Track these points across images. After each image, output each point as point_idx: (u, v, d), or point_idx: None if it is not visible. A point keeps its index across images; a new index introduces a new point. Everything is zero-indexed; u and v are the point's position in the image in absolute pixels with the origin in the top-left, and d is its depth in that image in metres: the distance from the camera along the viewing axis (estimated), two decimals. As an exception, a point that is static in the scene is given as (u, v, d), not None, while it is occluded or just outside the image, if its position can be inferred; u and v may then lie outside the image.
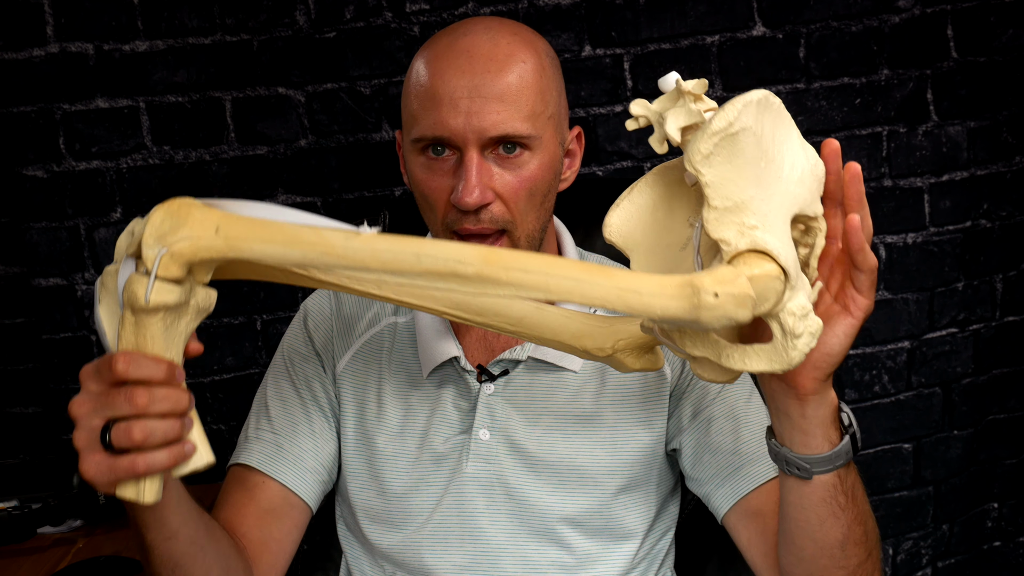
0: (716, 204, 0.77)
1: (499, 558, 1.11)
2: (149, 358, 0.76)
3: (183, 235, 0.75)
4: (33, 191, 1.71)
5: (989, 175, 1.85)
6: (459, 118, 0.99)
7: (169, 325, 0.77)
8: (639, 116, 0.82)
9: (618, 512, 1.12)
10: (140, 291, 0.74)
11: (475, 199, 1.00)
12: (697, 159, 0.76)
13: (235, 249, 0.75)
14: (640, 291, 0.74)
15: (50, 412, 1.82)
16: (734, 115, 0.75)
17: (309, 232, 0.75)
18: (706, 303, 0.73)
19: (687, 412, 1.11)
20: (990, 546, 2.07)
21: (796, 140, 0.83)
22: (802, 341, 0.79)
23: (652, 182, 0.88)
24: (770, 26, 1.75)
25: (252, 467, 1.11)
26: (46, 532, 1.42)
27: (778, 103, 0.80)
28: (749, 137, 0.76)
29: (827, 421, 0.89)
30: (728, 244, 0.77)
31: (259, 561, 1.08)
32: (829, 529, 0.93)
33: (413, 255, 0.75)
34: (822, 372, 0.86)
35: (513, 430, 1.11)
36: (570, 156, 1.12)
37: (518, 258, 0.75)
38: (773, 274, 0.76)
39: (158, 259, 0.74)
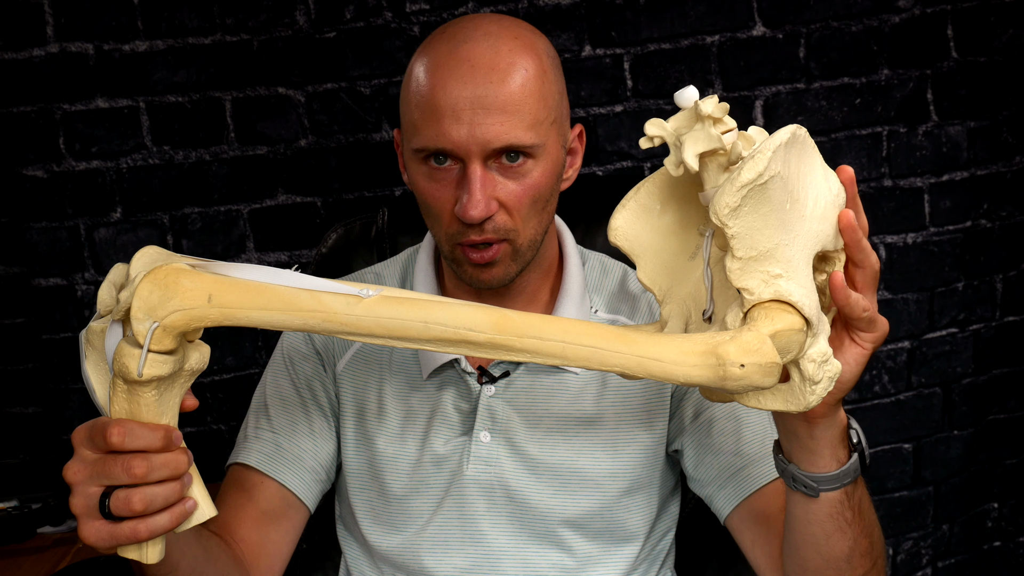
0: (741, 255, 0.74)
1: (500, 561, 1.11)
2: (145, 427, 0.74)
3: (174, 306, 0.71)
4: (33, 191, 1.71)
5: (989, 175, 1.85)
6: (462, 130, 0.97)
7: (163, 391, 0.75)
8: (654, 136, 0.78)
9: (620, 514, 1.12)
10: (132, 364, 0.71)
11: (480, 212, 0.98)
12: (724, 212, 0.72)
13: (231, 318, 0.72)
14: (662, 359, 0.73)
15: (50, 412, 1.82)
16: (763, 165, 0.72)
17: (308, 298, 0.72)
18: (732, 374, 0.72)
19: (688, 413, 1.11)
20: (990, 546, 2.07)
21: (819, 170, 0.80)
22: (820, 386, 0.78)
23: (660, 182, 0.86)
24: (770, 26, 1.75)
25: (251, 467, 1.11)
26: (46, 532, 1.42)
27: (803, 135, 0.77)
28: (776, 183, 0.73)
29: (835, 441, 0.88)
30: (751, 293, 0.75)
31: (257, 564, 1.08)
32: (835, 543, 0.92)
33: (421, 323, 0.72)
34: (833, 398, 0.85)
35: (514, 432, 1.10)
36: (572, 155, 1.11)
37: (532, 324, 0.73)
38: (796, 327, 0.75)
39: (149, 334, 0.70)
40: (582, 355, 0.73)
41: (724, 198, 0.72)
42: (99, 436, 0.75)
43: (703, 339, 0.74)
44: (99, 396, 0.77)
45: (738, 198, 0.72)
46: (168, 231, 1.75)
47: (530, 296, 1.13)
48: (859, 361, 0.84)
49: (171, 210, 1.74)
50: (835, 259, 0.83)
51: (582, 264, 1.16)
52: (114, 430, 0.74)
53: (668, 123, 0.77)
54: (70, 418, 1.78)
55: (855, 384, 0.86)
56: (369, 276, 1.20)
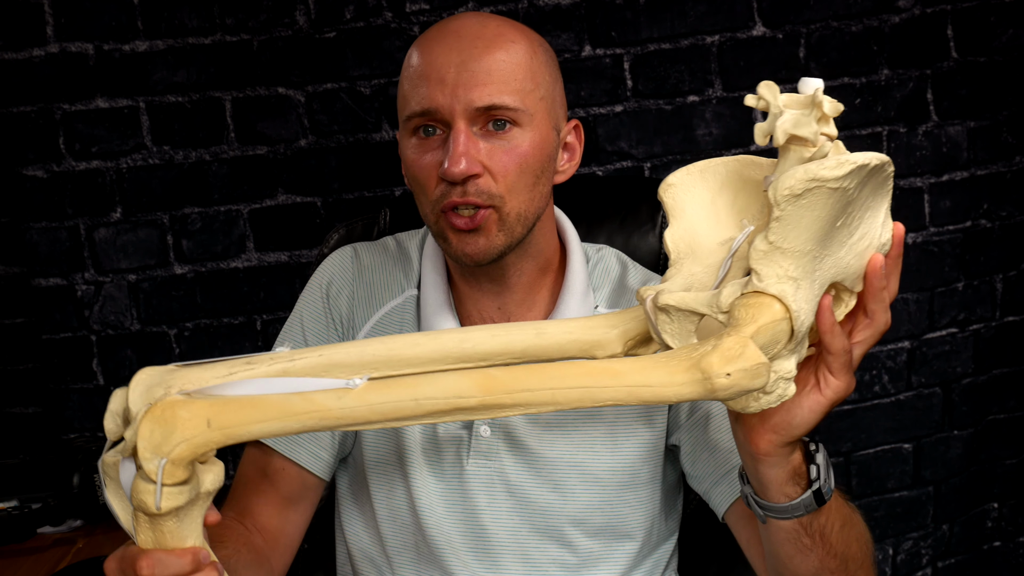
0: (773, 239, 0.74)
1: (500, 555, 1.11)
2: (172, 555, 0.77)
3: (177, 439, 0.73)
4: (33, 191, 1.71)
5: (989, 175, 1.85)
6: (446, 91, 0.99)
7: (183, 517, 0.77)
8: (763, 98, 0.77)
9: (620, 510, 1.12)
10: (149, 500, 0.74)
11: (462, 168, 0.99)
12: (784, 194, 0.72)
13: (232, 437, 0.74)
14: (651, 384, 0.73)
15: (50, 412, 1.82)
16: (844, 172, 0.71)
17: (300, 400, 0.74)
18: (720, 385, 0.72)
19: (685, 408, 1.11)
20: (990, 546, 2.07)
21: (883, 214, 0.80)
22: (767, 399, 0.78)
23: (731, 167, 0.86)
24: (770, 26, 1.75)
25: (268, 447, 1.11)
26: (46, 532, 1.42)
27: (889, 172, 0.77)
28: (842, 197, 0.73)
29: (782, 480, 0.87)
30: (761, 280, 0.75)
31: (276, 546, 1.10)
32: (799, 563, 0.92)
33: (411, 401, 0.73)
34: (780, 438, 0.84)
35: (513, 426, 1.11)
36: (569, 150, 1.11)
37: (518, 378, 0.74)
38: (779, 317, 0.75)
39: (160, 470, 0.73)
40: (573, 397, 0.74)
41: (791, 181, 0.72)
42: (129, 568, 0.77)
43: (685, 354, 0.74)
44: (123, 522, 0.79)
45: (803, 187, 0.72)
46: (168, 231, 1.75)
47: (528, 288, 1.12)
48: (814, 408, 0.82)
49: (171, 210, 1.74)
50: (844, 301, 0.82)
51: (586, 261, 1.16)
52: (143, 563, 0.76)
53: (781, 95, 0.76)
54: (70, 418, 1.78)
55: (806, 431, 0.84)
56: (391, 243, 1.20)
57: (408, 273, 1.17)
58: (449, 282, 1.15)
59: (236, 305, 1.78)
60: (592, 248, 1.19)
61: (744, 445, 0.87)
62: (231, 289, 1.78)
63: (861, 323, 0.82)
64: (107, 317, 1.76)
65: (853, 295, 0.82)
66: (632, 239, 1.31)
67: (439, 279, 1.14)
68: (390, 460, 1.13)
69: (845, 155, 0.73)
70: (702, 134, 1.77)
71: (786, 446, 0.84)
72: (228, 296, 1.78)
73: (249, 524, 1.09)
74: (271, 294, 1.79)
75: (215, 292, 1.77)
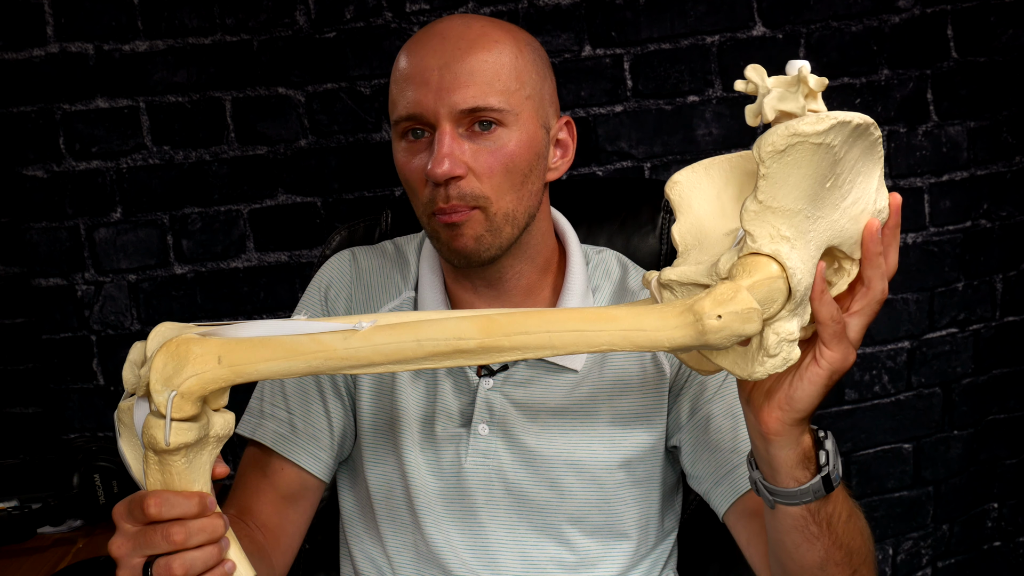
0: (762, 199, 0.75)
1: (498, 553, 1.11)
2: (179, 495, 0.78)
3: (188, 373, 0.75)
4: (33, 191, 1.71)
5: (989, 175, 1.85)
6: (430, 94, 1.00)
7: (192, 459, 0.79)
8: (751, 81, 0.78)
9: (618, 508, 1.12)
10: (159, 435, 0.76)
11: (444, 170, 0.99)
12: (767, 150, 0.73)
13: (241, 375, 0.77)
14: (644, 328, 0.74)
15: (50, 412, 1.82)
16: (823, 127, 0.72)
17: (308, 341, 0.76)
18: (711, 327, 0.73)
19: (685, 409, 1.11)
20: (990, 546, 2.07)
21: (875, 180, 0.80)
22: (772, 362, 0.78)
23: (735, 163, 0.87)
24: (770, 26, 1.76)
25: (268, 447, 1.12)
26: (46, 532, 1.42)
27: (877, 136, 0.77)
28: (827, 154, 0.74)
29: (792, 463, 0.87)
30: (755, 241, 0.76)
31: (277, 544, 1.10)
32: (805, 552, 0.92)
33: (414, 342, 0.76)
34: (787, 416, 0.84)
35: (512, 425, 1.11)
36: (561, 147, 1.11)
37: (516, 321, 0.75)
38: (775, 274, 0.75)
39: (169, 402, 0.75)
40: (568, 340, 0.75)
41: (772, 137, 0.73)
42: (137, 509, 0.79)
43: (680, 302, 0.76)
44: (135, 470, 0.81)
45: (785, 143, 0.73)
46: (168, 231, 1.75)
47: (527, 290, 1.13)
48: (814, 382, 0.82)
49: (171, 210, 1.74)
50: (844, 271, 0.83)
51: (586, 264, 1.16)
52: (151, 501, 0.78)
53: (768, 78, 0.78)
54: (70, 418, 1.78)
55: (813, 412, 0.84)
56: (389, 247, 1.21)
57: (405, 275, 1.17)
58: (446, 285, 1.15)
59: (236, 305, 1.78)
60: (592, 250, 1.20)
61: (754, 426, 0.87)
62: (231, 289, 1.78)
63: (859, 292, 0.83)
64: (107, 317, 1.76)
65: (855, 263, 0.83)
66: (632, 240, 1.31)
67: (436, 281, 1.14)
68: (388, 459, 1.13)
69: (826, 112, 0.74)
70: (702, 134, 1.77)
71: (795, 426, 0.85)
72: (228, 296, 1.78)
73: (250, 522, 1.09)
74: (271, 294, 1.79)
75: (215, 292, 1.78)
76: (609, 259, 1.19)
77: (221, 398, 0.80)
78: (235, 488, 1.14)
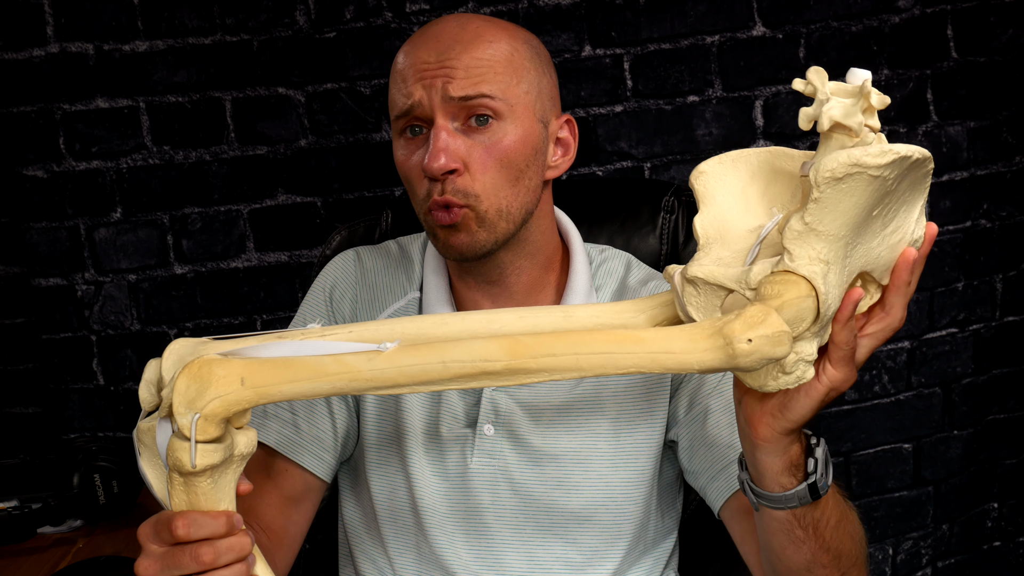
0: (809, 221, 0.74)
1: (504, 554, 1.11)
2: (207, 516, 0.78)
3: (211, 395, 0.75)
4: (33, 191, 1.71)
5: (989, 175, 1.85)
6: (425, 87, 1.01)
7: (218, 479, 0.79)
8: (811, 83, 0.77)
9: (624, 506, 1.12)
10: (184, 457, 0.75)
11: (440, 164, 1.00)
12: (825, 175, 0.72)
13: (265, 396, 0.76)
14: (673, 351, 0.74)
15: (50, 412, 1.82)
16: (886, 160, 0.71)
17: (332, 362, 0.76)
18: (741, 351, 0.72)
19: (684, 404, 1.11)
20: (990, 546, 2.07)
21: (918, 210, 0.80)
22: (786, 379, 0.78)
23: (764, 158, 0.86)
24: (770, 26, 1.75)
25: (272, 449, 1.12)
26: (46, 532, 1.42)
27: (929, 169, 0.77)
28: (881, 186, 0.73)
29: (777, 469, 0.86)
30: (793, 260, 0.75)
31: (280, 545, 1.10)
32: (791, 555, 0.92)
33: (439, 364, 0.75)
34: (778, 424, 0.83)
35: (517, 425, 1.11)
36: (562, 145, 1.11)
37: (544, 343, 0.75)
38: (805, 293, 0.75)
39: (193, 425, 0.75)
40: (596, 363, 0.75)
41: (833, 164, 0.72)
42: (164, 530, 0.79)
43: (708, 323, 0.75)
44: (157, 491, 0.81)
45: (845, 171, 0.72)
46: (168, 231, 1.75)
47: (529, 287, 1.13)
48: (810, 395, 0.82)
49: (171, 210, 1.74)
50: (871, 292, 0.82)
51: (589, 263, 1.16)
52: (179, 523, 0.77)
53: (829, 83, 0.77)
54: (70, 418, 1.78)
55: (804, 422, 0.84)
56: (393, 246, 1.21)
57: (410, 275, 1.17)
58: (451, 284, 1.15)
59: (236, 305, 1.78)
60: (596, 249, 1.20)
61: (744, 430, 0.87)
62: (231, 289, 1.78)
63: (876, 315, 0.82)
64: (107, 317, 1.76)
65: (879, 288, 0.82)
66: (632, 240, 1.31)
67: (441, 281, 1.14)
68: (392, 460, 1.13)
69: (889, 144, 0.73)
70: (702, 134, 1.77)
71: (786, 435, 0.84)
72: (228, 296, 1.78)
73: (253, 523, 1.09)
74: (271, 294, 1.79)
75: (215, 292, 1.77)
76: (612, 257, 1.19)
77: (244, 417, 0.79)
78: None
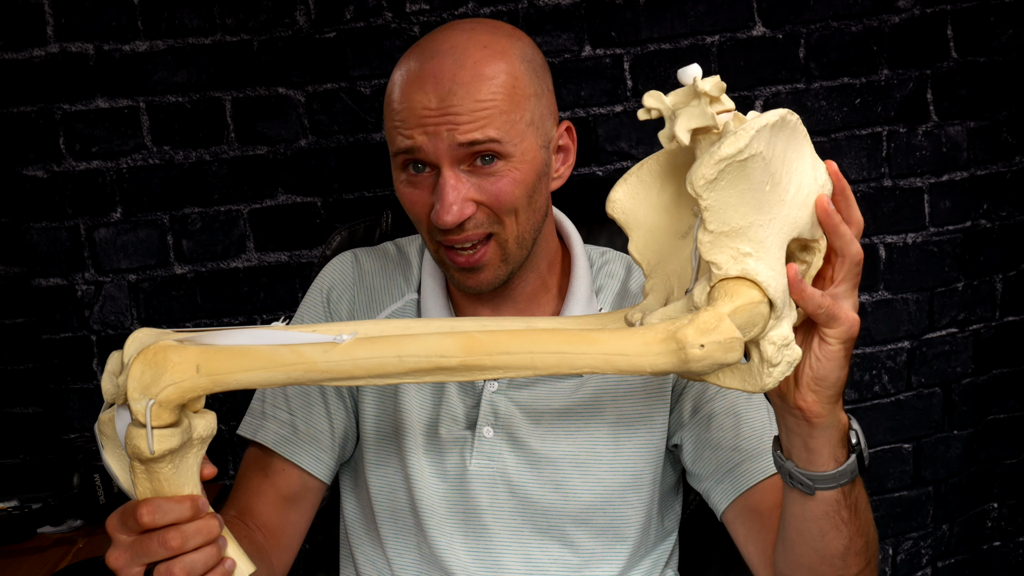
0: (712, 228, 0.75)
1: (502, 555, 1.11)
2: (171, 501, 0.78)
3: (166, 382, 0.75)
4: (33, 191, 1.71)
5: (989, 175, 1.85)
6: (429, 136, 0.99)
7: (179, 463, 0.79)
8: (651, 108, 0.79)
9: (622, 510, 1.12)
10: (142, 444, 0.75)
11: (453, 218, 1.00)
12: (700, 184, 0.73)
13: (219, 384, 0.76)
14: (626, 352, 0.74)
15: (50, 412, 1.82)
16: (744, 142, 0.72)
17: (287, 352, 0.76)
18: (693, 356, 0.73)
19: (688, 408, 1.11)
20: (990, 546, 2.07)
21: (808, 159, 0.80)
22: (778, 370, 0.79)
23: (663, 162, 0.86)
24: (770, 26, 1.75)
25: (269, 448, 1.12)
26: (46, 532, 1.42)
27: (795, 121, 0.78)
28: (757, 162, 0.74)
29: (835, 441, 0.88)
30: (719, 268, 0.76)
31: (277, 545, 1.10)
32: (831, 541, 0.93)
33: (395, 357, 0.75)
34: (823, 394, 0.85)
35: (516, 428, 1.11)
36: (563, 152, 1.11)
37: (499, 340, 0.75)
38: (756, 299, 0.76)
39: (148, 411, 0.75)
40: (551, 362, 0.75)
41: (701, 169, 0.73)
42: (130, 519, 0.79)
43: (663, 327, 0.75)
44: (122, 481, 0.81)
45: (715, 171, 0.73)
46: (168, 231, 1.75)
47: (530, 298, 1.13)
48: (831, 358, 0.83)
49: (171, 210, 1.74)
50: (815, 248, 0.83)
51: (590, 266, 1.16)
52: (143, 510, 0.78)
53: (667, 97, 0.78)
54: (70, 418, 1.78)
55: (844, 383, 0.86)
56: (391, 248, 1.21)
57: (408, 277, 1.17)
58: (448, 287, 1.15)
59: (236, 305, 1.78)
60: (596, 251, 1.20)
61: (795, 416, 0.87)
62: (231, 289, 1.78)
63: (836, 262, 0.83)
64: (107, 317, 1.76)
65: (821, 240, 0.83)
66: (632, 239, 1.31)
67: (438, 284, 1.15)
68: (391, 460, 1.14)
69: (742, 125, 0.74)
70: (702, 134, 1.77)
71: (833, 403, 0.86)
72: (228, 296, 1.78)
73: (250, 522, 1.09)
74: (271, 294, 1.79)
75: (215, 292, 1.77)
76: (613, 260, 1.19)
77: (199, 401, 0.79)
78: (236, 489, 1.14)
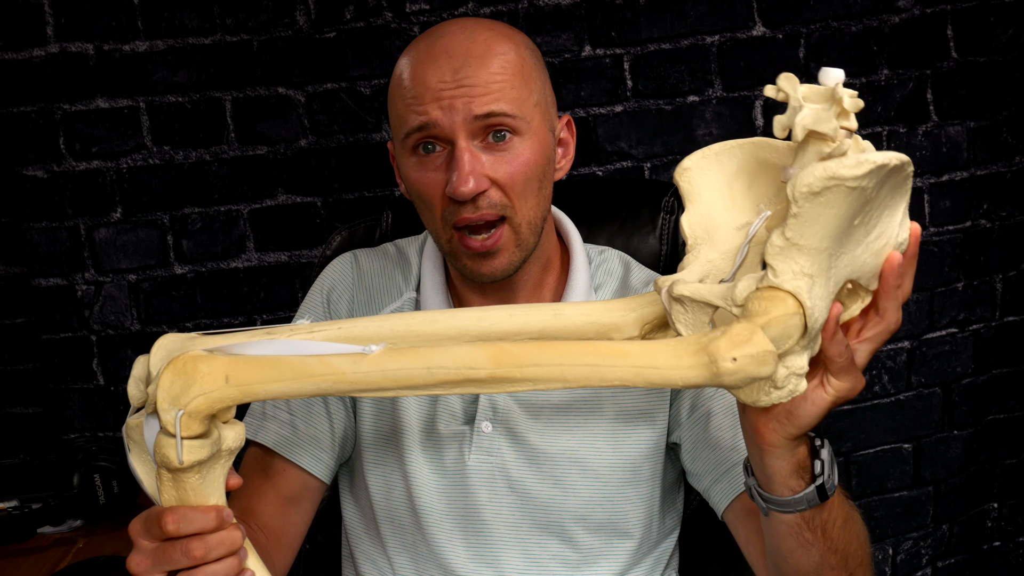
0: (789, 236, 0.73)
1: (501, 551, 1.11)
2: (196, 511, 0.78)
3: (195, 392, 0.75)
4: (33, 191, 1.71)
5: (989, 175, 1.85)
6: (444, 108, 1.00)
7: (206, 474, 0.79)
8: (783, 90, 0.75)
9: (621, 506, 1.12)
10: (171, 454, 0.76)
11: (471, 188, 1.00)
12: (802, 191, 0.71)
13: (248, 394, 0.76)
14: (657, 366, 0.74)
15: (50, 412, 1.82)
16: (861, 172, 0.70)
17: (317, 363, 0.76)
18: (725, 369, 0.72)
19: (685, 406, 1.11)
20: (990, 546, 2.07)
21: (900, 213, 0.79)
22: (778, 393, 0.78)
23: (748, 150, 0.85)
24: (770, 26, 1.75)
25: (269, 449, 1.12)
26: (46, 532, 1.42)
27: (909, 172, 0.76)
28: (860, 196, 0.72)
29: (786, 472, 0.86)
30: (776, 276, 0.74)
31: (278, 545, 1.10)
32: (800, 558, 0.92)
33: (424, 369, 0.75)
34: (786, 431, 0.83)
35: (515, 422, 1.11)
36: (563, 145, 1.12)
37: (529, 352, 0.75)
38: (792, 311, 0.74)
39: (178, 422, 0.75)
40: (581, 375, 0.75)
41: (809, 178, 0.71)
42: (155, 526, 0.79)
43: (695, 339, 0.74)
44: (147, 486, 0.81)
45: (822, 185, 0.70)
46: (168, 231, 1.75)
47: (532, 289, 1.13)
48: (818, 404, 0.82)
49: (171, 210, 1.74)
50: (860, 298, 0.82)
51: (588, 262, 1.16)
52: (168, 518, 0.78)
53: (801, 87, 0.75)
54: (70, 418, 1.78)
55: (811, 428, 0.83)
56: (391, 248, 1.21)
57: (407, 276, 1.18)
58: (448, 284, 1.15)
59: (236, 305, 1.78)
60: (595, 249, 1.20)
61: (751, 435, 0.87)
62: (231, 289, 1.78)
63: (872, 320, 0.82)
64: (107, 317, 1.76)
65: (869, 292, 0.82)
66: (632, 240, 1.31)
67: (438, 281, 1.15)
68: (389, 459, 1.14)
69: (865, 154, 0.72)
70: (702, 134, 1.77)
71: (792, 440, 0.84)
72: (228, 296, 1.78)
73: (251, 522, 1.09)
74: (271, 294, 1.79)
75: (215, 292, 1.77)
76: (612, 258, 1.19)
77: (229, 412, 0.79)
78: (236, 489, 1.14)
